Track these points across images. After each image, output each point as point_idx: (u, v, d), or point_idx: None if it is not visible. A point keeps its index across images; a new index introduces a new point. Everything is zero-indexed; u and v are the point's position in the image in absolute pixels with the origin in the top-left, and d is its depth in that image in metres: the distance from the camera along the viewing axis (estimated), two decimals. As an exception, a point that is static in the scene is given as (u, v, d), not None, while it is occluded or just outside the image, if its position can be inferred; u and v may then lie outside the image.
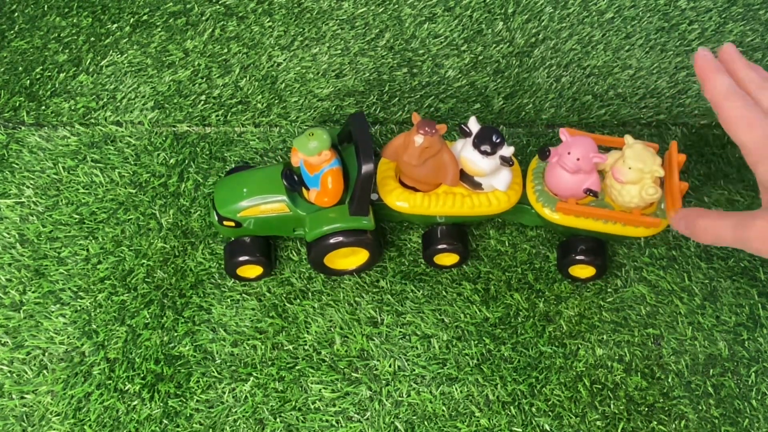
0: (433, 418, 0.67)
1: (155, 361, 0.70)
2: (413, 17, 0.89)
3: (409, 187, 0.70)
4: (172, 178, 0.79)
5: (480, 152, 0.64)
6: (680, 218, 0.55)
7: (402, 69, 0.85)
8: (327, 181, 0.67)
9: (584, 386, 0.68)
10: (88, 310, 0.72)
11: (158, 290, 0.73)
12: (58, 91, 0.84)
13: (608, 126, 0.82)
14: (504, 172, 0.67)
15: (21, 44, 0.88)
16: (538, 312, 0.72)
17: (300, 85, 0.84)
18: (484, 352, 0.70)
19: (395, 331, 0.71)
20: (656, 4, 0.90)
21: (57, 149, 0.80)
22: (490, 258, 0.74)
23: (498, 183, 0.67)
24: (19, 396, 0.68)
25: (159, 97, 0.84)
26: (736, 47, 0.49)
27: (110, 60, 0.86)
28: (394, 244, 0.75)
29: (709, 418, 0.67)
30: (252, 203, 0.69)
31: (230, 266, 0.71)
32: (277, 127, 0.82)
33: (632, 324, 0.71)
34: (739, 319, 0.71)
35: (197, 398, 0.68)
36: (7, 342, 0.71)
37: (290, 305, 0.72)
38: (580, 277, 0.72)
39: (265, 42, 0.87)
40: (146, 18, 0.89)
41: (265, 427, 0.67)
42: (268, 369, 0.69)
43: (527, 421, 0.67)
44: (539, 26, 0.88)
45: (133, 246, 0.75)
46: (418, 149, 0.65)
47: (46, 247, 0.75)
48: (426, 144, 0.64)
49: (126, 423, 0.67)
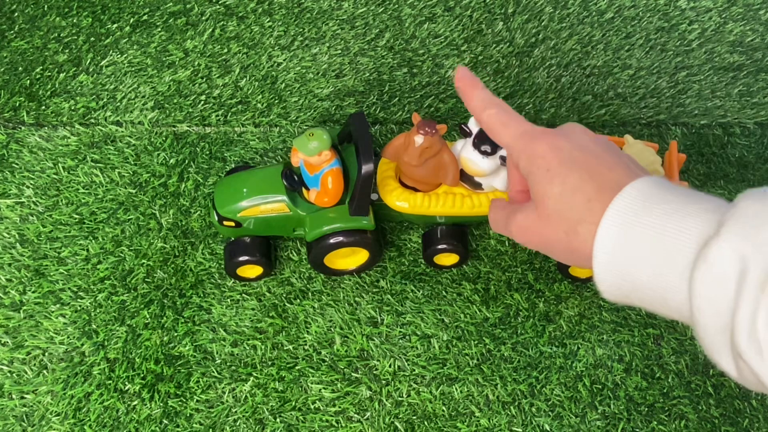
0: (433, 418, 0.67)
1: (155, 361, 0.70)
2: (413, 17, 0.89)
3: (409, 187, 0.70)
4: (172, 178, 0.79)
5: (480, 152, 0.64)
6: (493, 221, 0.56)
7: (402, 69, 0.85)
8: (327, 181, 0.67)
9: (584, 386, 0.68)
10: (88, 310, 0.72)
11: (158, 290, 0.73)
12: (58, 91, 0.84)
13: (608, 126, 0.82)
14: (504, 172, 0.67)
15: (21, 44, 0.88)
16: (538, 312, 0.72)
17: (300, 85, 0.84)
18: (484, 352, 0.70)
19: (395, 331, 0.71)
20: (656, 4, 0.90)
21: (57, 149, 0.80)
22: (490, 258, 0.74)
23: (498, 183, 0.67)
24: (19, 396, 0.68)
25: (159, 97, 0.84)
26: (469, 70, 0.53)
27: (110, 60, 0.86)
28: (394, 244, 0.75)
29: (709, 418, 0.67)
30: (252, 203, 0.69)
31: (230, 266, 0.71)
32: (277, 127, 0.82)
33: (632, 324, 0.71)
34: (739, 319, 0.71)
35: (197, 398, 0.68)
36: (7, 342, 0.71)
37: (290, 305, 0.72)
38: (580, 277, 0.72)
39: (265, 42, 0.87)
40: (146, 18, 0.89)
41: (265, 427, 0.67)
42: (268, 369, 0.69)
43: (527, 421, 0.67)
44: (539, 26, 0.88)
45: (133, 246, 0.75)
46: (418, 149, 0.65)
47: (46, 247, 0.75)
48: (426, 144, 0.64)
49: (126, 423, 0.67)
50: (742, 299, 0.37)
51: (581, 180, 0.45)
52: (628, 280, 0.42)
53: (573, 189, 0.45)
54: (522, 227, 0.49)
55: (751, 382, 0.39)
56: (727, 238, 0.38)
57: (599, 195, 0.44)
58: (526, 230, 0.49)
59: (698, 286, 0.39)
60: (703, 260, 0.38)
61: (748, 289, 0.37)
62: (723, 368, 0.40)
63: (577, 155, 0.46)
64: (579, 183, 0.45)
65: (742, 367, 0.39)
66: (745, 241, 0.37)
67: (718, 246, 0.38)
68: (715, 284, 0.38)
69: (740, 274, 0.37)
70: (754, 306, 0.37)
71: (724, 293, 0.38)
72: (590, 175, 0.45)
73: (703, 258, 0.38)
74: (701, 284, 0.39)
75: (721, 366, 0.40)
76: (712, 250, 0.38)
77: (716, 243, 0.38)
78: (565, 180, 0.45)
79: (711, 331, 0.39)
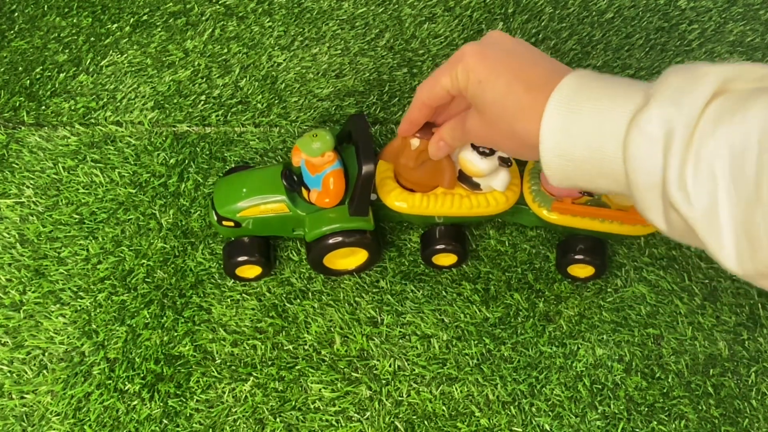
0: (433, 418, 0.67)
1: (155, 361, 0.70)
2: (413, 17, 0.89)
3: (407, 189, 0.70)
4: (172, 178, 0.79)
5: (479, 153, 0.64)
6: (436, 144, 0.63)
7: (402, 69, 0.85)
8: (329, 182, 0.67)
9: (584, 386, 0.68)
10: (88, 310, 0.72)
11: (158, 290, 0.73)
12: (58, 91, 0.84)
13: (608, 126, 0.82)
14: (502, 173, 0.67)
15: (21, 44, 0.88)
16: (538, 312, 0.72)
17: (300, 85, 0.84)
18: (484, 352, 0.70)
19: (395, 331, 0.71)
20: (656, 4, 0.90)
21: (57, 149, 0.80)
22: (490, 258, 0.74)
23: (496, 184, 0.67)
24: (19, 396, 0.68)
25: (159, 97, 0.84)
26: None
27: (110, 60, 0.86)
28: (394, 244, 0.75)
29: (709, 418, 0.67)
30: (251, 203, 0.69)
31: (229, 266, 0.71)
32: (277, 127, 0.82)
33: (632, 324, 0.71)
34: (739, 319, 0.71)
35: (197, 398, 0.68)
36: (7, 342, 0.71)
37: (290, 305, 0.72)
38: (580, 276, 0.72)
39: (265, 42, 0.87)
40: (146, 18, 0.89)
41: (265, 427, 0.67)
42: (268, 369, 0.69)
43: (527, 421, 0.67)
44: (539, 26, 0.88)
45: (133, 246, 0.75)
46: (415, 152, 0.65)
47: (46, 247, 0.75)
48: (422, 147, 0.64)
49: (126, 423, 0.67)
50: (670, 155, 0.42)
51: (508, 84, 0.51)
52: (571, 159, 0.47)
53: (504, 94, 0.51)
54: (474, 131, 0.56)
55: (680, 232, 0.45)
56: (655, 105, 0.43)
57: (528, 94, 0.50)
58: (478, 133, 0.56)
59: (631, 148, 0.44)
60: (635, 125, 0.44)
61: (675, 146, 0.42)
62: (654, 223, 0.45)
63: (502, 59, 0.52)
64: (507, 87, 0.51)
65: (672, 218, 0.44)
66: (670, 106, 0.42)
67: (647, 112, 0.43)
68: (646, 145, 0.43)
69: (667, 134, 0.42)
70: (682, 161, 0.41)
71: (654, 152, 0.43)
72: (516, 77, 0.51)
73: (635, 124, 0.44)
74: (634, 146, 0.44)
75: (653, 221, 0.45)
76: (642, 116, 0.43)
77: (646, 110, 0.43)
78: (495, 87, 0.51)
79: (643, 188, 0.44)
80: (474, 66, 0.52)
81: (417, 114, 0.60)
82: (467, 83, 0.53)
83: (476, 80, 0.52)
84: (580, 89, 0.48)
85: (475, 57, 0.52)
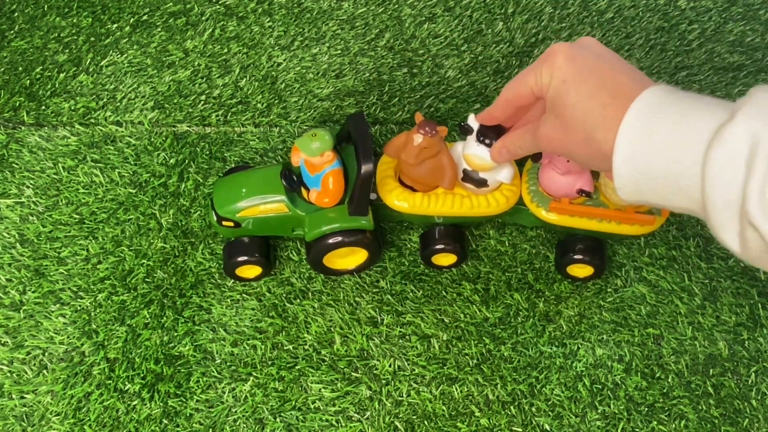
0: (433, 418, 0.67)
1: (155, 361, 0.70)
2: (413, 17, 0.89)
3: (408, 187, 0.70)
4: (172, 178, 0.79)
5: (485, 145, 0.64)
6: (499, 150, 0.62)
7: (402, 69, 0.85)
8: (328, 181, 0.67)
9: (584, 386, 0.68)
10: (88, 310, 0.72)
11: (158, 290, 0.73)
12: (58, 91, 0.84)
13: (608, 126, 0.82)
14: (507, 166, 0.67)
15: (21, 44, 0.88)
16: (538, 312, 0.72)
17: (300, 85, 0.84)
18: (484, 352, 0.70)
19: (395, 331, 0.71)
20: (656, 4, 0.90)
21: (57, 149, 0.80)
22: (490, 258, 0.74)
23: (503, 177, 0.67)
24: (19, 396, 0.68)
25: (159, 97, 0.84)
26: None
27: (110, 60, 0.86)
28: (394, 244, 0.75)
29: (709, 418, 0.67)
30: (251, 203, 0.69)
31: (228, 267, 0.71)
32: (277, 127, 0.82)
33: (632, 324, 0.71)
34: (739, 319, 0.71)
35: (197, 398, 0.68)
36: (7, 342, 0.71)
37: (290, 305, 0.72)
38: (579, 276, 0.72)
39: (265, 42, 0.87)
40: (146, 18, 0.89)
41: (265, 426, 0.67)
42: (268, 369, 0.69)
43: (527, 421, 0.67)
44: (539, 26, 0.88)
45: (133, 246, 0.75)
46: (416, 148, 0.65)
47: (46, 247, 0.75)
48: (424, 144, 0.64)
49: (126, 423, 0.67)
50: (753, 169, 0.40)
51: (595, 88, 0.49)
52: (645, 172, 0.46)
53: (587, 97, 0.49)
54: (546, 137, 0.54)
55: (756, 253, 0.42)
56: (741, 120, 0.41)
57: (613, 101, 0.48)
58: (551, 139, 0.54)
59: (711, 164, 0.42)
60: (717, 139, 0.42)
61: (759, 161, 0.40)
62: (727, 244, 0.43)
63: (591, 64, 0.50)
64: (593, 91, 0.49)
65: (748, 238, 0.41)
66: (756, 120, 0.41)
67: (732, 127, 0.41)
68: (728, 159, 0.41)
69: (752, 147, 0.40)
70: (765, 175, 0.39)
71: (736, 166, 0.41)
72: (603, 83, 0.49)
73: (717, 137, 0.42)
74: (715, 161, 0.42)
75: (726, 242, 0.43)
76: (726, 130, 0.41)
77: (730, 125, 0.41)
78: (579, 90, 0.50)
79: (720, 205, 0.42)
80: (561, 65, 0.51)
81: (499, 112, 0.59)
82: (551, 81, 0.51)
83: (561, 79, 0.51)
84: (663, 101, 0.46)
85: (563, 56, 0.51)
